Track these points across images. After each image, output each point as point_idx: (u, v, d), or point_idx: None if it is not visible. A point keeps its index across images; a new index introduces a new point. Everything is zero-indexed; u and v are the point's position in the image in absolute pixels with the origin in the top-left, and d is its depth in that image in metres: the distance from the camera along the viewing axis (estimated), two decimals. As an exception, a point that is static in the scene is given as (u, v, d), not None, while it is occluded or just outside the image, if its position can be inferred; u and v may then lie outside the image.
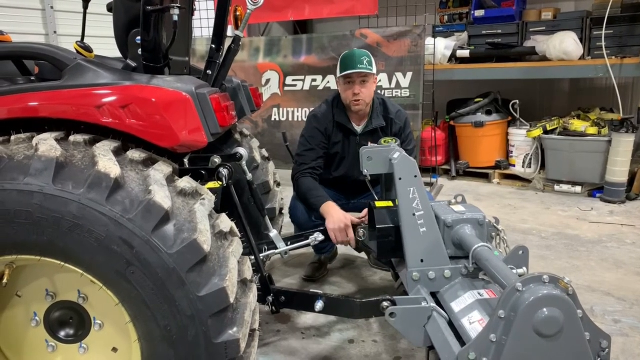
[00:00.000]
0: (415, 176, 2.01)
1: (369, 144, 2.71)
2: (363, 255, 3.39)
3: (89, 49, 1.93)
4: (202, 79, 1.97)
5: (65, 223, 1.44)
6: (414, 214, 1.98)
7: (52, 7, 5.10)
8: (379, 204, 2.25)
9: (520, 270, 1.71)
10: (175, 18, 1.68)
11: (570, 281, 1.44)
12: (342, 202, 2.94)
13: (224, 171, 2.05)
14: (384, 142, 2.34)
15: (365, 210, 2.48)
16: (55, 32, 5.14)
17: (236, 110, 2.21)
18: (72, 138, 1.56)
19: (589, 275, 3.21)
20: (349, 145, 2.95)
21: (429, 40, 5.50)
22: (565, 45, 5.03)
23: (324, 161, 2.93)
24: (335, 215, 2.50)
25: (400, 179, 2.01)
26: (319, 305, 2.06)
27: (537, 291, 1.41)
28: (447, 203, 2.15)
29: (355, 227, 2.50)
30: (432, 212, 2.01)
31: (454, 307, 1.84)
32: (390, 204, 2.21)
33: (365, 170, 2.17)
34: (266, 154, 2.93)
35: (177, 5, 1.67)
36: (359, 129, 2.94)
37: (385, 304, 1.91)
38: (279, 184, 3.01)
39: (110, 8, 2.00)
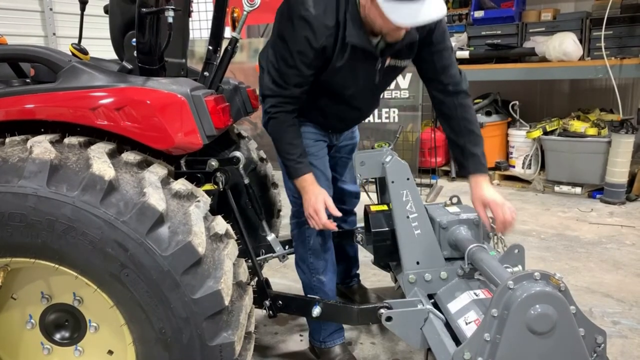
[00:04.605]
0: (408, 179, 2.02)
1: (392, 66, 2.04)
2: (364, 255, 3.38)
3: (84, 51, 1.93)
4: (199, 81, 1.97)
5: (59, 225, 1.44)
6: (407, 217, 1.98)
7: (51, 9, 5.11)
8: (373, 207, 2.25)
9: (515, 269, 1.71)
10: (170, 20, 1.67)
11: (561, 277, 1.44)
12: (326, 140, 2.28)
13: (221, 176, 2.05)
14: (378, 146, 2.34)
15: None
16: (54, 34, 5.15)
17: (233, 112, 2.21)
18: (66, 140, 1.56)
19: (588, 277, 3.20)
20: (361, 70, 2.00)
21: (429, 41, 5.49)
22: (564, 46, 5.02)
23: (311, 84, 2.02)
24: (313, 197, 2.04)
25: (392, 182, 2.01)
26: (316, 310, 2.05)
27: (529, 288, 1.41)
28: (442, 204, 2.15)
29: (352, 231, 2.52)
30: (426, 214, 2.02)
31: (451, 308, 1.84)
32: (385, 207, 2.21)
33: (359, 175, 2.17)
34: (264, 155, 2.92)
35: (172, 7, 1.67)
36: (379, 45, 1.96)
37: (382, 310, 1.89)
38: (276, 186, 3.00)
39: (107, 10, 2.00)
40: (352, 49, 1.89)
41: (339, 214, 2.06)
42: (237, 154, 2.20)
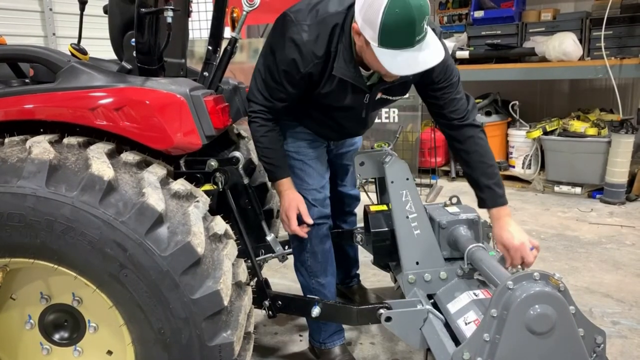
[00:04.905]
0: (407, 179, 2.02)
1: (383, 99, 2.04)
2: (364, 255, 3.38)
3: (83, 51, 1.93)
4: (198, 81, 1.97)
5: (58, 226, 1.44)
6: (407, 217, 1.98)
7: (51, 9, 5.10)
8: (373, 207, 2.25)
9: (515, 269, 1.71)
10: (169, 20, 1.67)
11: (561, 277, 1.44)
12: (324, 145, 2.29)
13: (220, 176, 2.05)
14: (377, 146, 2.34)
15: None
16: (54, 34, 5.14)
17: (232, 112, 2.20)
18: (65, 140, 1.56)
19: (588, 277, 3.20)
20: (349, 100, 1.98)
21: (428, 42, 5.49)
22: (564, 46, 5.02)
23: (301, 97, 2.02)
24: (287, 203, 2.09)
25: (392, 182, 2.01)
26: (316, 310, 2.05)
27: (528, 289, 1.41)
28: (442, 204, 2.15)
29: (352, 232, 2.51)
30: (425, 214, 2.01)
31: (450, 308, 1.84)
32: (384, 207, 2.20)
33: (358, 175, 2.17)
34: (263, 156, 2.91)
35: (171, 7, 1.67)
36: (371, 79, 1.95)
37: (381, 311, 1.89)
38: (276, 186, 3.00)
39: (106, 10, 1.99)
40: (340, 80, 1.88)
41: (310, 221, 2.08)
42: (237, 154, 2.19)
